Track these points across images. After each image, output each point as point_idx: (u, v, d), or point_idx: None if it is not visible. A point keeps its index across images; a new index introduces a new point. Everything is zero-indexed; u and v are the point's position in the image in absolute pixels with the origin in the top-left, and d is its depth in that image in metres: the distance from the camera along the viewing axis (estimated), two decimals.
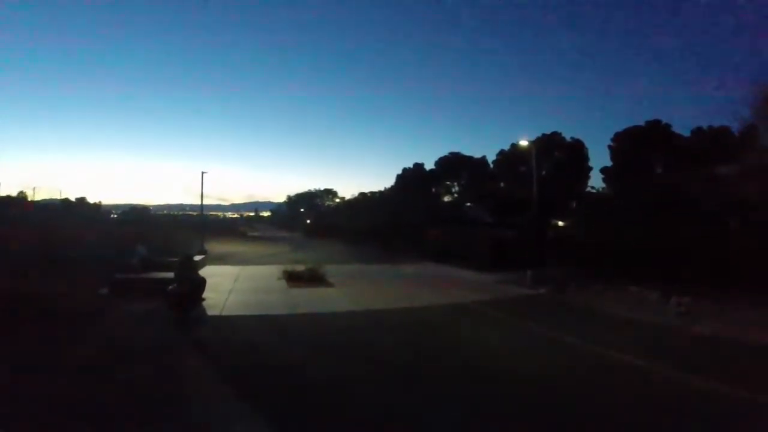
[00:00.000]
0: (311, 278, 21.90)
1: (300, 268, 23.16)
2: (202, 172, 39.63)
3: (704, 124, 38.07)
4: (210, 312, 14.93)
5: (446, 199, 55.80)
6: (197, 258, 28.11)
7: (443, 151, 64.83)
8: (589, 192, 44.10)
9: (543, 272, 21.58)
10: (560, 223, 44.13)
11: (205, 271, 26.29)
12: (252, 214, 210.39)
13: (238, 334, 12.13)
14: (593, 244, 26.67)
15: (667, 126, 40.00)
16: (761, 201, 17.73)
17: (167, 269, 18.02)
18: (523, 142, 24.28)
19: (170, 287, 14.38)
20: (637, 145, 39.92)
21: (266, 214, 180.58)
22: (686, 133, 38.59)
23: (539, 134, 44.11)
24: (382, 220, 48.98)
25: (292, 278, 22.11)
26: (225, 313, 14.97)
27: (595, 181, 44.58)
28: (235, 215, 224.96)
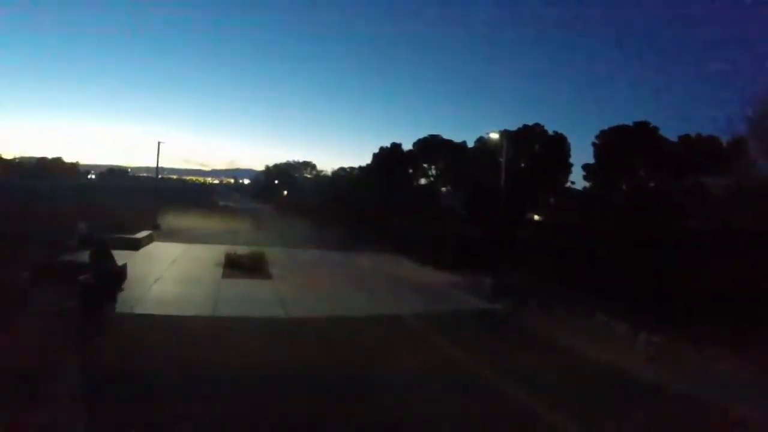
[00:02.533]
0: (252, 266, 20.24)
1: (245, 251, 21.83)
2: (159, 142, 37.49)
3: (692, 132, 36.37)
4: (122, 309, 13.20)
5: (422, 181, 53.96)
6: (143, 234, 26.30)
7: (423, 133, 62.48)
8: (569, 188, 42.68)
9: (506, 279, 19.90)
10: (536, 217, 42.68)
11: (148, 249, 24.64)
12: (231, 181, 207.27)
13: (131, 349, 10.33)
14: (566, 250, 25.22)
15: (655, 129, 38.40)
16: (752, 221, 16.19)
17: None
18: (494, 135, 21.99)
19: (83, 277, 12.59)
20: (622, 145, 38.26)
21: (246, 181, 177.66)
22: (673, 138, 37.01)
23: (521, 125, 42.31)
24: (353, 202, 47.11)
25: (232, 264, 20.51)
26: (137, 311, 13.36)
27: (576, 177, 42.81)
28: (215, 181, 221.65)
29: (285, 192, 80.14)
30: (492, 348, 12.72)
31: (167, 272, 18.93)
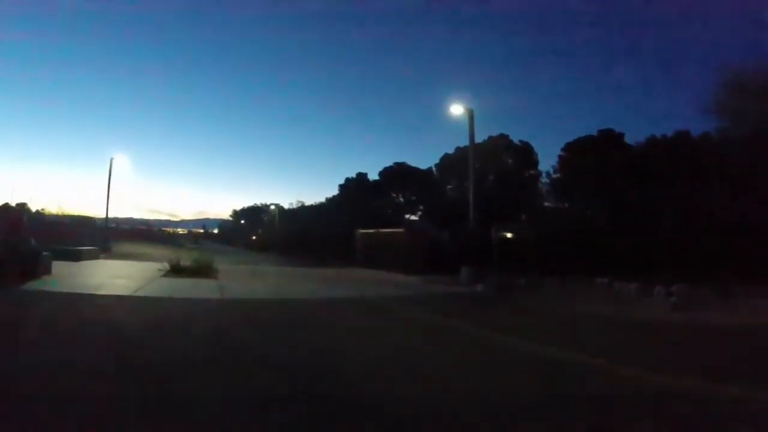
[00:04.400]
0: (197, 271, 18.16)
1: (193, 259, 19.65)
2: (111, 158, 35.34)
3: (658, 133, 35.99)
4: (42, 287, 11.78)
5: (390, 212, 52.65)
6: (87, 248, 24.09)
7: (388, 161, 61.79)
8: (540, 201, 41.77)
9: (484, 271, 18.22)
10: (508, 235, 41.46)
11: (90, 262, 22.40)
12: (201, 230, 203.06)
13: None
14: (543, 245, 23.95)
15: (621, 135, 38.06)
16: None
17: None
18: (456, 108, 19.71)
19: None
20: (590, 155, 37.63)
21: (216, 231, 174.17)
22: (640, 141, 36.58)
23: (486, 137, 41.60)
24: (320, 231, 45.52)
25: (177, 270, 18.35)
26: (50, 289, 11.69)
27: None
28: (184, 231, 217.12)
29: (252, 235, 77.76)
30: (486, 315, 10.99)
31: (100, 272, 16.92)
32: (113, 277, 15.73)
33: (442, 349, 7.37)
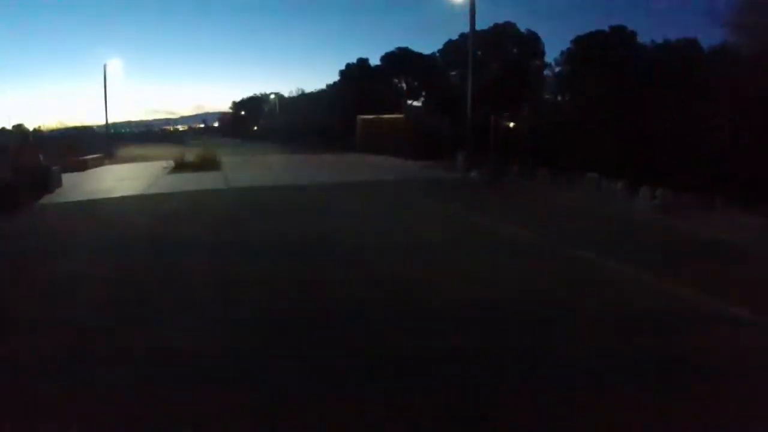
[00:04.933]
0: (201, 166, 18.57)
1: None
2: (104, 65, 34.04)
3: (672, 37, 34.15)
4: (58, 199, 12.38)
5: (392, 98, 51.73)
6: (92, 156, 24.34)
7: (391, 47, 59.66)
8: (542, 93, 40.96)
9: (480, 158, 18.32)
10: (511, 124, 41.16)
11: (96, 170, 22.74)
12: (201, 125, 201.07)
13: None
14: (539, 136, 23.86)
15: (633, 34, 36.32)
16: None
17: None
18: None
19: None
20: (599, 51, 36.11)
21: (216, 125, 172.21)
22: (656, 41, 34.89)
23: (491, 24, 39.94)
24: (321, 118, 45.10)
25: (182, 166, 18.77)
26: (63, 200, 12.25)
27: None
28: (185, 128, 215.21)
29: (254, 126, 77.06)
30: (468, 198, 11.50)
31: (108, 178, 17.45)
32: (121, 179, 16.20)
33: (430, 227, 8.20)
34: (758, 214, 9.03)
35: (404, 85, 51.20)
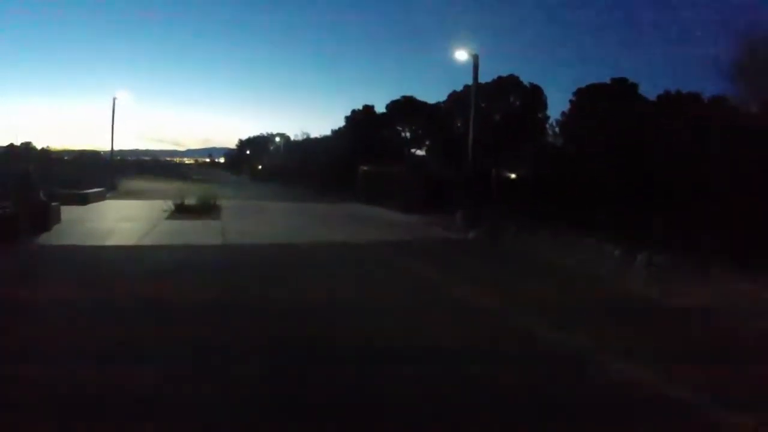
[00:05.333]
0: (201, 210, 18.58)
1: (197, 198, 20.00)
2: (114, 98, 34.63)
3: (673, 89, 34.92)
4: (52, 241, 12.22)
5: (396, 145, 52.31)
6: (93, 190, 24.51)
7: (396, 95, 60.69)
8: (547, 141, 41.35)
9: (480, 215, 18.31)
10: (512, 176, 41.46)
11: (97, 204, 22.86)
12: (207, 159, 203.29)
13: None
14: (541, 189, 23.90)
15: (634, 85, 37.07)
16: None
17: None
18: (461, 53, 18.90)
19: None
20: (601, 102, 36.80)
21: (221, 160, 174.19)
22: (652, 96, 35.61)
23: (495, 76, 40.70)
24: (324, 164, 45.48)
25: (181, 210, 18.76)
26: (59, 242, 12.08)
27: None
28: (190, 161, 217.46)
29: (259, 164, 77.63)
30: (462, 264, 11.40)
31: (107, 217, 17.41)
32: (120, 220, 16.21)
33: (411, 300, 8.02)
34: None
35: (408, 133, 51.90)
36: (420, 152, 51.87)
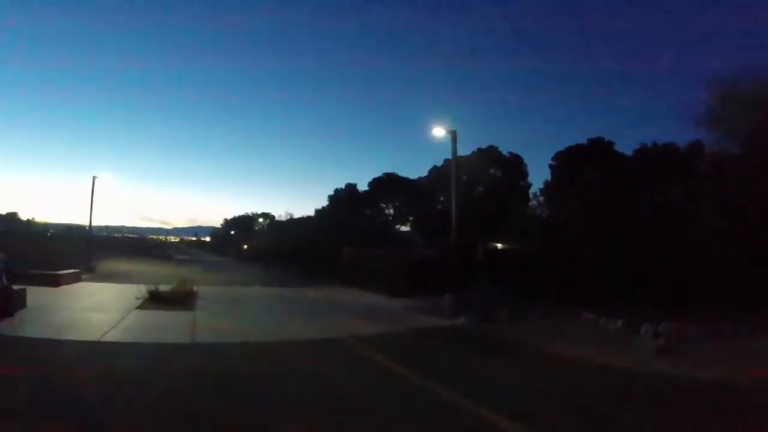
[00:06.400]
0: (176, 299, 17.80)
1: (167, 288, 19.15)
2: (93, 177, 34.61)
3: (648, 141, 35.70)
4: (8, 331, 11.55)
5: (379, 223, 52.31)
6: (67, 272, 23.69)
7: (378, 172, 61.58)
8: (531, 212, 41.46)
9: (468, 296, 17.73)
10: (498, 246, 41.24)
11: (70, 287, 21.95)
12: (193, 238, 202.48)
13: None
14: (534, 259, 23.50)
15: (610, 144, 37.87)
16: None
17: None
18: (439, 130, 18.64)
19: None
20: (580, 164, 37.37)
21: (207, 239, 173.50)
22: (629, 152, 36.32)
23: (474, 149, 41.35)
24: (308, 245, 45.18)
25: (155, 298, 17.95)
26: (16, 333, 11.42)
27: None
28: (176, 239, 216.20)
29: (244, 244, 77.14)
30: (449, 360, 10.65)
31: (76, 303, 16.56)
32: (88, 309, 15.43)
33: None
34: None
35: (391, 210, 52.02)
36: (404, 228, 51.86)
